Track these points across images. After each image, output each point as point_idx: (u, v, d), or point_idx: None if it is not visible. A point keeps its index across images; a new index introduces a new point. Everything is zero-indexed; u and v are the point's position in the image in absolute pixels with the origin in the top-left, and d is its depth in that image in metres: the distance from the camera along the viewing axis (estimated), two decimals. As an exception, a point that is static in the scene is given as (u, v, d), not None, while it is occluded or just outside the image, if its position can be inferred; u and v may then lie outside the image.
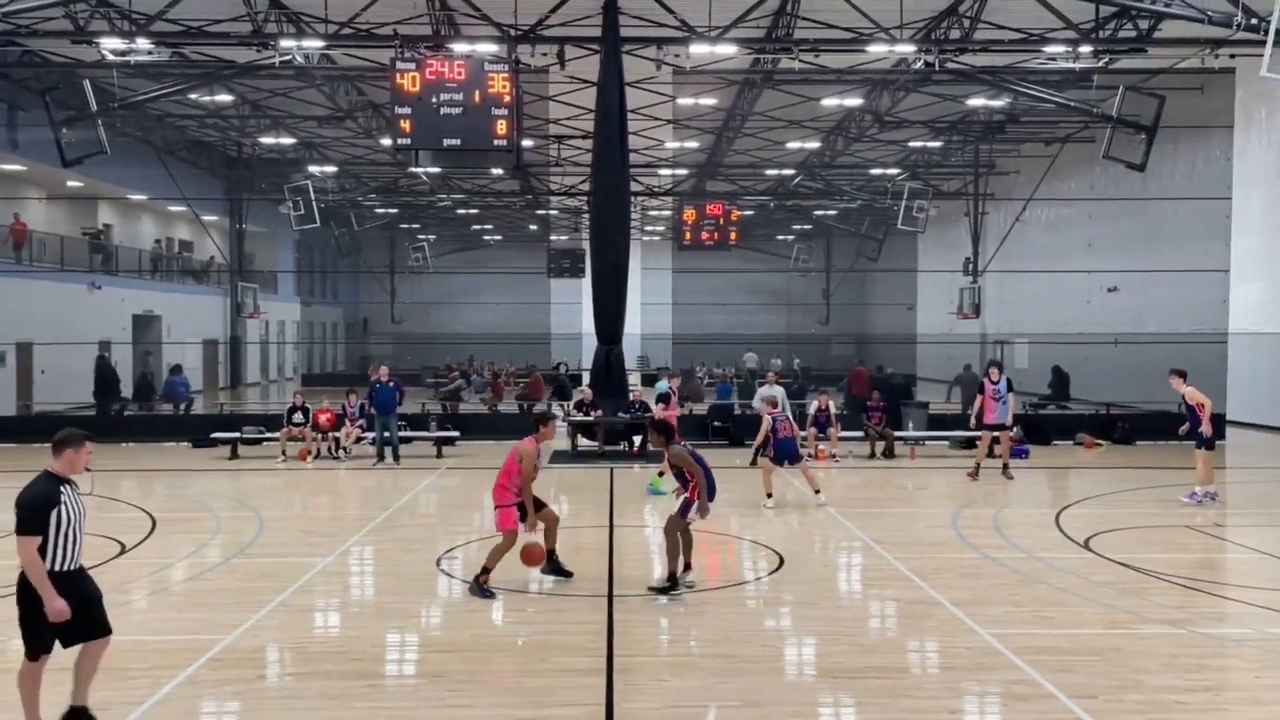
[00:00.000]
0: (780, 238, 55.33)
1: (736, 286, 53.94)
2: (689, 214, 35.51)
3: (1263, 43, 17.13)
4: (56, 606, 5.69)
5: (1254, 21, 17.49)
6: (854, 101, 27.60)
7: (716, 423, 22.57)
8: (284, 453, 19.13)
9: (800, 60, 20.24)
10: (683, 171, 39.20)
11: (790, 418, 15.68)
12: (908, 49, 20.39)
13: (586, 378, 24.54)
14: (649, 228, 52.91)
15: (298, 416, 19.59)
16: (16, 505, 5.77)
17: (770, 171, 38.06)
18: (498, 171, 36.87)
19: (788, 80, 24.68)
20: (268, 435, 20.54)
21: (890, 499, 15.42)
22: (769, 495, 14.25)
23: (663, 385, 25.22)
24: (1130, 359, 22.56)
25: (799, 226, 53.23)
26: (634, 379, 32.65)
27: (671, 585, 9.26)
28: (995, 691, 6.88)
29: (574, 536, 12.59)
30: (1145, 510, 13.73)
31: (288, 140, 33.67)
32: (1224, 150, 26.68)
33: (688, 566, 9.56)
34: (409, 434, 20.56)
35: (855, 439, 20.32)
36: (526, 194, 42.81)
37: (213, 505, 14.28)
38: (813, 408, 20.23)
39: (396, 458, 18.64)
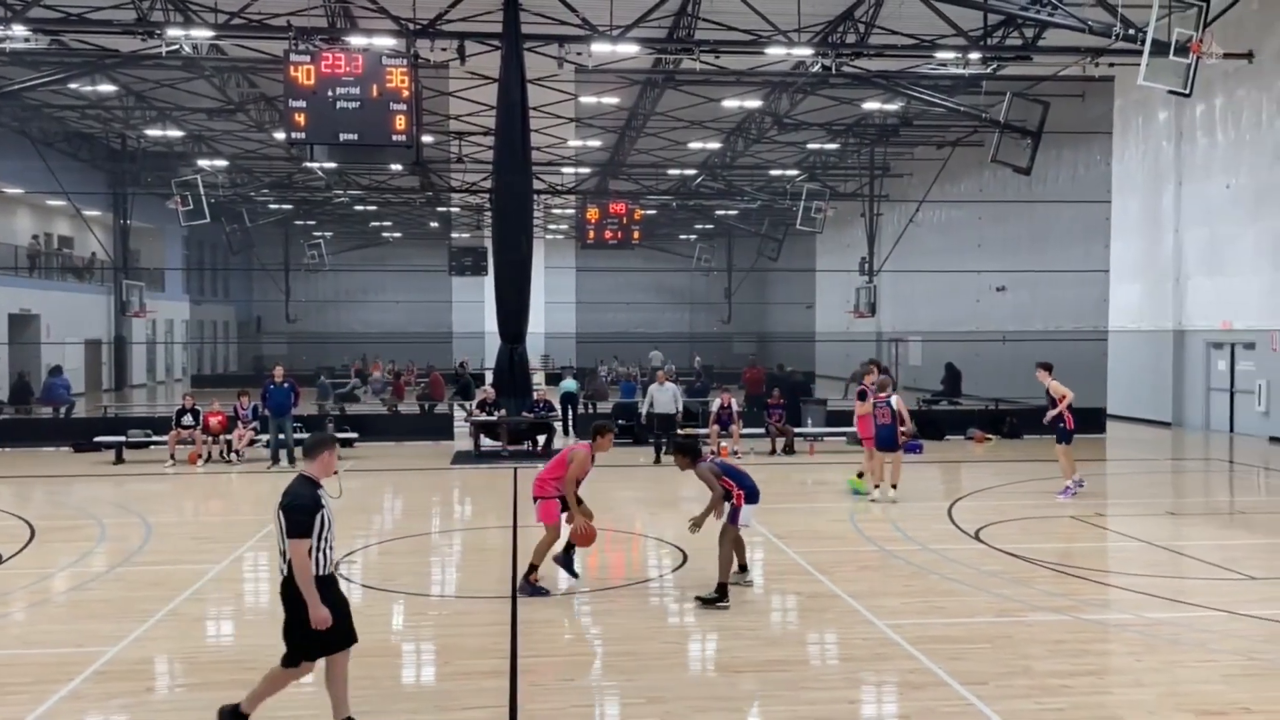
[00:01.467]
0: (683, 237, 55.78)
1: (640, 285, 54.12)
2: (592, 213, 35.51)
3: (1140, 52, 17.98)
4: (321, 614, 5.71)
5: (1132, 32, 18.31)
6: (754, 103, 27.98)
7: (621, 421, 22.60)
8: (173, 456, 18.47)
9: (701, 61, 20.43)
10: (586, 170, 39.17)
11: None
12: (805, 52, 20.76)
13: (490, 377, 24.31)
14: (552, 226, 52.71)
15: (187, 419, 18.93)
16: (286, 510, 5.76)
17: (673, 171, 38.33)
18: (397, 167, 36.21)
19: (689, 81, 24.89)
20: (155, 439, 19.79)
21: (790, 495, 15.67)
22: None
23: (569, 384, 25.25)
24: (1018, 356, 23.37)
25: (701, 226, 53.74)
26: (538, 378, 32.49)
27: (720, 596, 8.81)
28: (892, 681, 7.05)
29: (477, 538, 12.48)
30: (1032, 502, 14.24)
31: (175, 133, 32.48)
32: (1104, 155, 27.90)
33: (743, 568, 9.50)
34: (305, 436, 20.04)
35: (756, 436, 20.61)
36: (427, 191, 42.18)
37: (96, 512, 13.67)
38: (715, 405, 20.44)
39: (292, 460, 18.17)
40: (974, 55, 21.18)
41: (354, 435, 20.86)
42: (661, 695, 6.71)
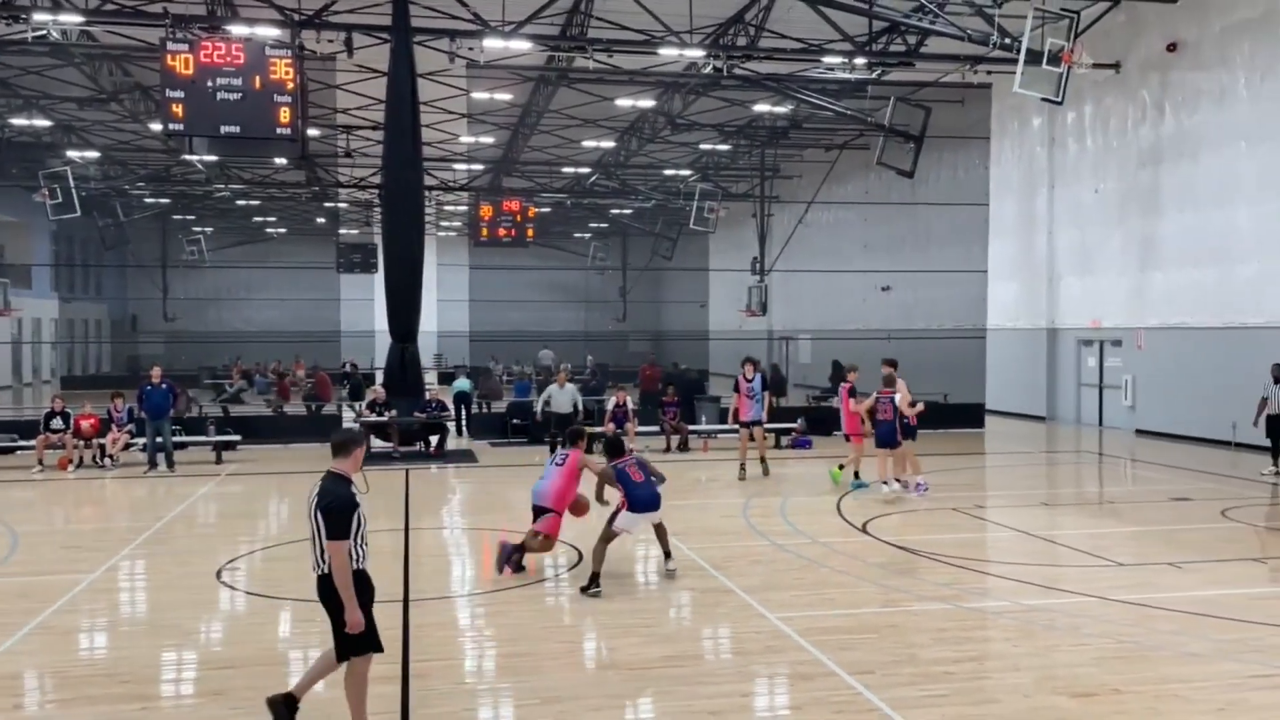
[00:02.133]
0: (578, 235, 55.72)
1: (534, 284, 53.84)
2: (485, 210, 35.15)
3: (1016, 61, 18.75)
4: (356, 617, 5.72)
5: (1008, 41, 19.06)
6: (647, 103, 28.13)
7: (516, 420, 22.46)
8: (41, 462, 17.56)
9: (594, 60, 20.44)
10: (479, 167, 38.76)
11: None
12: (697, 53, 20.96)
13: (380, 376, 23.84)
14: (444, 223, 51.98)
15: (56, 422, 18.03)
16: (326, 511, 5.69)
17: (567, 169, 38.25)
18: (281, 162, 35.17)
19: (583, 79, 24.89)
20: (21, 444, 18.78)
21: (685, 491, 15.80)
22: None
23: (463, 383, 24.94)
24: (902, 353, 24.06)
25: (596, 225, 53.79)
26: (430, 377, 32.00)
27: (591, 584, 9.25)
28: (783, 673, 7.18)
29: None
30: (917, 495, 14.67)
31: (43, 123, 30.80)
32: (982, 159, 29.00)
33: (667, 555, 9.98)
34: (184, 439, 19.34)
35: (651, 434, 20.74)
36: (313, 185, 41.07)
37: (-45, 523, 12.89)
38: (610, 403, 20.48)
39: (170, 465, 17.49)
40: (859, 60, 21.72)
41: (237, 438, 20.18)
42: (556, 695, 6.69)
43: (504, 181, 39.95)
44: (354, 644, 5.84)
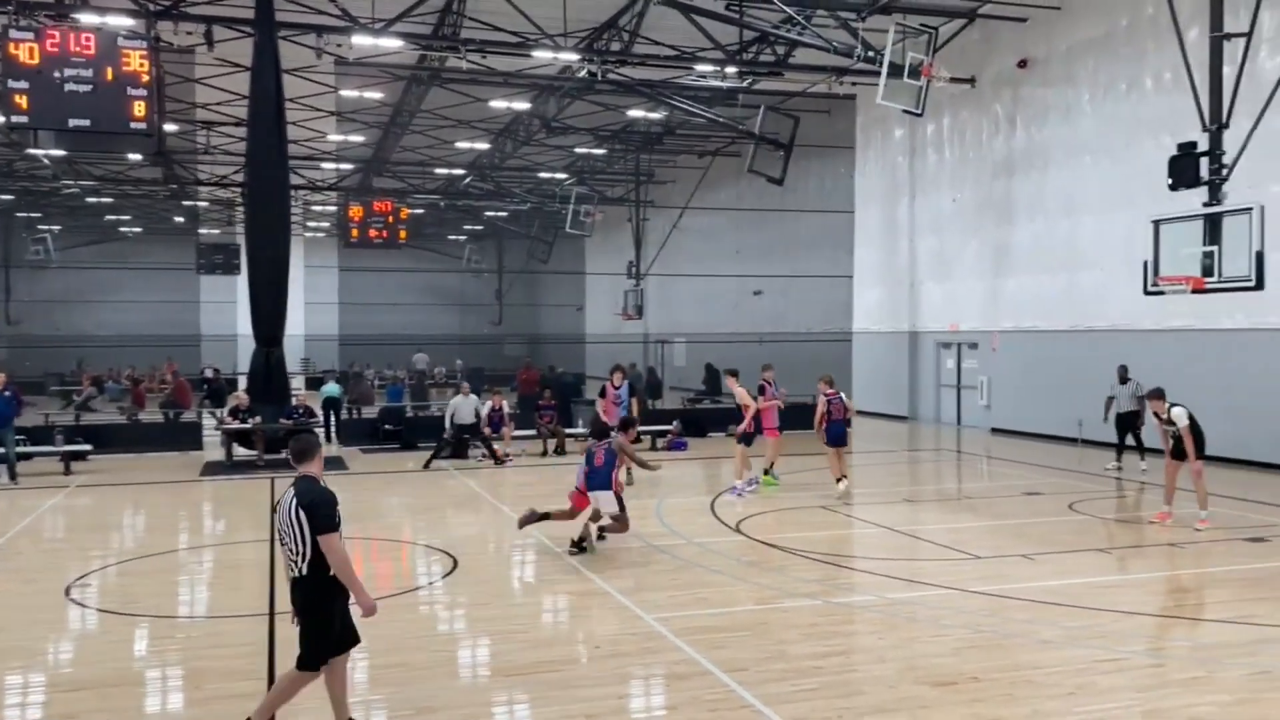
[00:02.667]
0: (452, 237, 54.95)
1: (407, 286, 52.85)
2: (355, 210, 34.29)
3: (879, 73, 19.43)
4: (369, 601, 5.83)
5: (871, 54, 19.74)
6: (522, 105, 28.00)
7: (388, 426, 22.00)
8: None
9: (467, 60, 20.22)
10: (348, 166, 37.83)
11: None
12: (571, 57, 20.99)
13: (243, 382, 23.00)
14: (312, 223, 50.52)
15: (-118, 434, 16.72)
16: (310, 507, 5.72)
17: (440, 170, 37.70)
18: (136, 157, 33.53)
19: (455, 79, 24.58)
20: None
21: (562, 495, 15.73)
22: None
23: (332, 388, 24.27)
24: (773, 356, 24.70)
25: (470, 227, 53.17)
26: (297, 382, 31.04)
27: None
28: (659, 673, 7.25)
29: (230, 554, 11.77)
30: (788, 494, 15.04)
31: None
32: (848, 168, 29.96)
33: (600, 535, 11.18)
34: (29, 449, 18.23)
35: (528, 437, 20.63)
36: (171, 183, 39.31)
37: None
38: (486, 408, 20.27)
39: (13, 476, 16.47)
40: (730, 69, 22.15)
41: (87, 447, 19.14)
42: (431, 705, 6.58)
43: (375, 182, 39.10)
44: (325, 647, 5.85)
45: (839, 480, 14.75)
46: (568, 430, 21.18)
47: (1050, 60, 22.38)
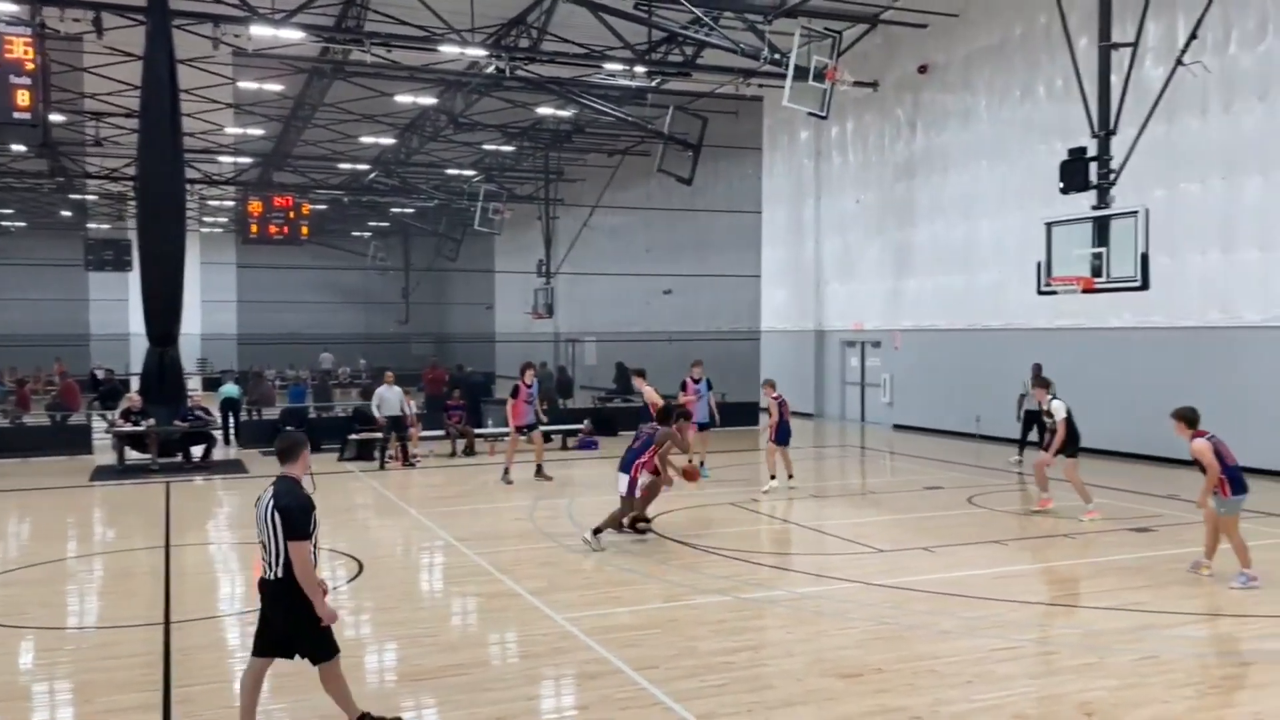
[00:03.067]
0: (356, 234, 53.88)
1: (310, 284, 51.62)
2: (254, 205, 33.35)
3: (785, 75, 19.71)
4: (329, 611, 5.79)
5: (778, 57, 20.02)
6: (428, 100, 27.59)
7: (289, 427, 21.42)
8: None
9: (372, 54, 19.83)
10: (246, 160, 36.73)
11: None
12: (478, 53, 20.75)
13: (136, 383, 22.15)
14: (208, 219, 48.92)
15: None
16: (285, 511, 5.69)
17: (344, 165, 36.90)
18: (19, 149, 31.97)
19: (360, 73, 24.07)
20: None
21: (472, 496, 15.63)
22: None
23: (230, 389, 23.54)
24: (683, 355, 24.89)
25: (376, 223, 52.20)
26: (194, 383, 30.05)
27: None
28: (570, 673, 7.22)
29: (122, 562, 11.32)
30: (699, 491, 15.14)
31: None
32: (755, 169, 30.34)
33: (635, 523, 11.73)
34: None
35: (436, 437, 20.36)
36: (58, 176, 37.58)
37: None
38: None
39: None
40: (639, 69, 22.18)
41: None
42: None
43: (275, 176, 38.07)
44: (325, 645, 5.86)
45: (780, 477, 15.27)
46: (477, 430, 20.96)
47: (949, 66, 23.03)
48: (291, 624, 5.81)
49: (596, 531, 11.07)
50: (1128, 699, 6.53)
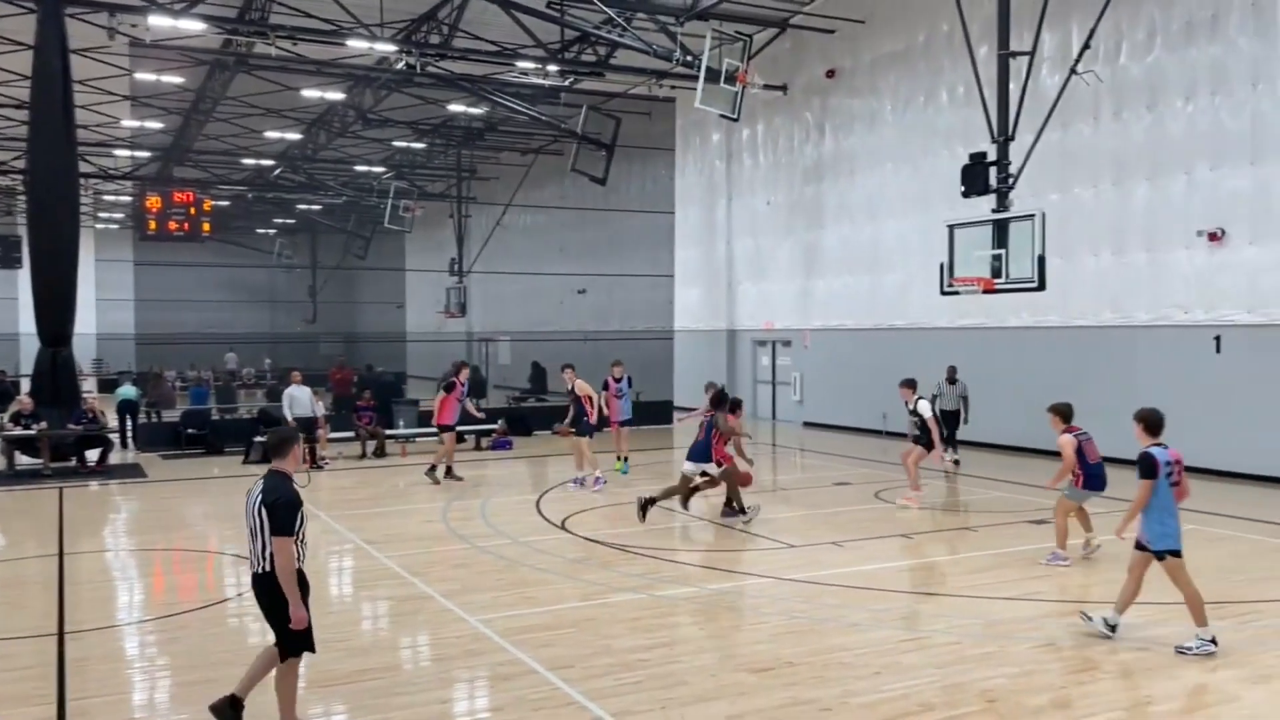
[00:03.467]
0: (261, 231, 52.47)
1: (213, 282, 50.05)
2: (153, 201, 32.17)
3: (697, 77, 19.89)
4: (301, 613, 5.74)
5: (690, 59, 20.19)
6: (336, 95, 27.08)
7: (191, 430, 20.82)
8: None
9: (277, 47, 19.37)
10: (145, 154, 35.50)
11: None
12: (388, 48, 20.46)
13: (27, 384, 21.24)
14: (104, 214, 47.15)
15: None
16: (272, 506, 5.74)
17: (248, 161, 35.95)
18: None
19: (264, 66, 23.47)
20: None
21: (383, 498, 15.38)
22: None
23: (127, 390, 22.72)
24: (598, 354, 24.92)
25: (282, 220, 50.96)
26: (89, 385, 28.95)
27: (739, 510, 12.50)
28: (484, 675, 7.17)
29: (12, 570, 10.84)
30: (612, 489, 15.18)
31: None
32: (668, 170, 30.53)
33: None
34: None
35: (346, 439, 19.99)
36: (-60, 168, 35.82)
37: None
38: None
39: None
40: (552, 67, 22.13)
41: None
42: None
43: (175, 171, 36.89)
44: (298, 641, 5.84)
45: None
46: (388, 431, 20.64)
47: (856, 71, 23.52)
48: (271, 617, 5.87)
49: (741, 510, 12.54)
50: (1027, 685, 6.77)
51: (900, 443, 19.81)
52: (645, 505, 12.37)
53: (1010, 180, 14.92)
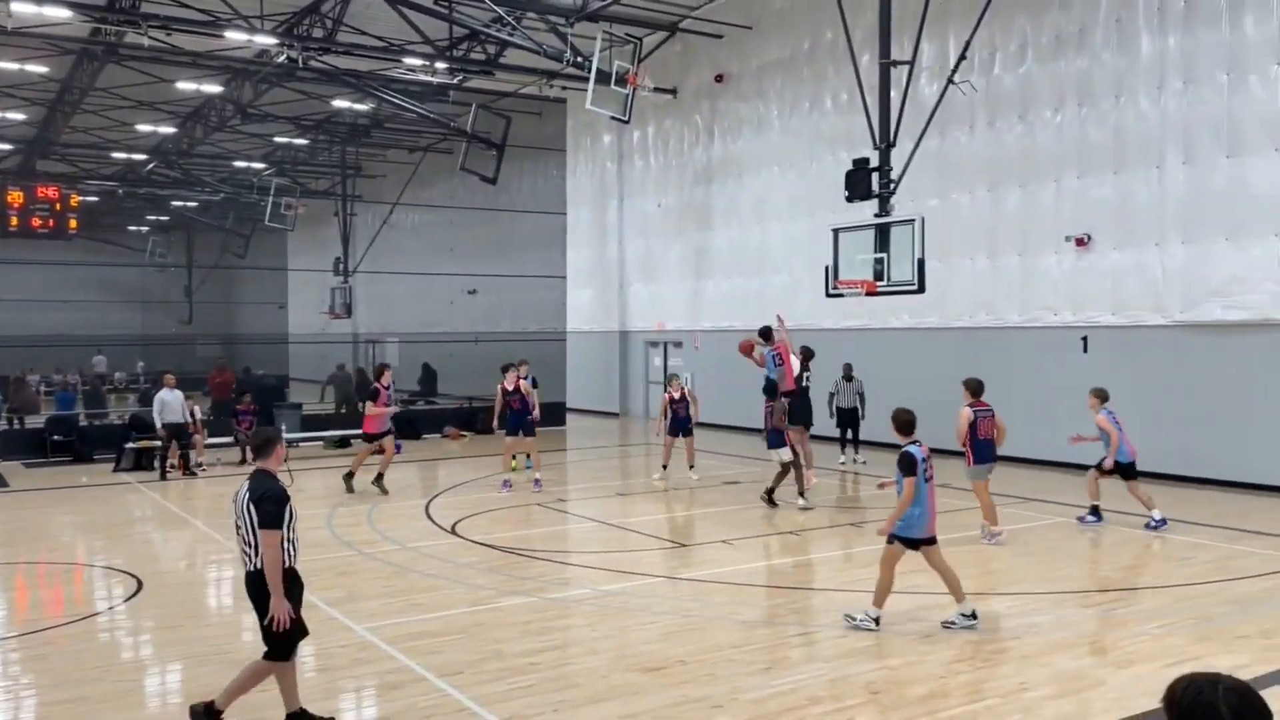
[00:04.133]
0: (133, 229, 50.16)
1: (80, 281, 47.61)
2: (14, 196, 30.31)
3: (588, 79, 19.89)
4: (283, 606, 5.82)
5: (580, 60, 20.16)
6: (214, 88, 26.12)
7: (57, 437, 19.80)
8: None
9: (150, 37, 18.58)
10: (6, 146, 33.61)
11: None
12: (268, 41, 19.86)
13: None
14: (-40, 210, 44.36)
15: None
16: (259, 502, 5.84)
17: (118, 155, 34.34)
18: None
19: (136, 57, 22.47)
20: None
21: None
22: None
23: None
24: (488, 355, 24.68)
25: (155, 217, 48.87)
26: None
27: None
28: (371, 684, 7.02)
29: None
30: (505, 494, 15.06)
31: None
32: (559, 170, 30.44)
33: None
34: None
35: (225, 445, 19.31)
36: None
37: None
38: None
39: None
40: (441, 65, 21.81)
41: None
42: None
43: (39, 165, 35.02)
44: (285, 640, 5.91)
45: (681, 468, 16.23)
46: (270, 436, 19.99)
47: (743, 76, 23.89)
48: (263, 615, 5.96)
49: (800, 494, 13.43)
50: (909, 676, 6.99)
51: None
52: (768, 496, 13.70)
53: (891, 185, 15.34)
